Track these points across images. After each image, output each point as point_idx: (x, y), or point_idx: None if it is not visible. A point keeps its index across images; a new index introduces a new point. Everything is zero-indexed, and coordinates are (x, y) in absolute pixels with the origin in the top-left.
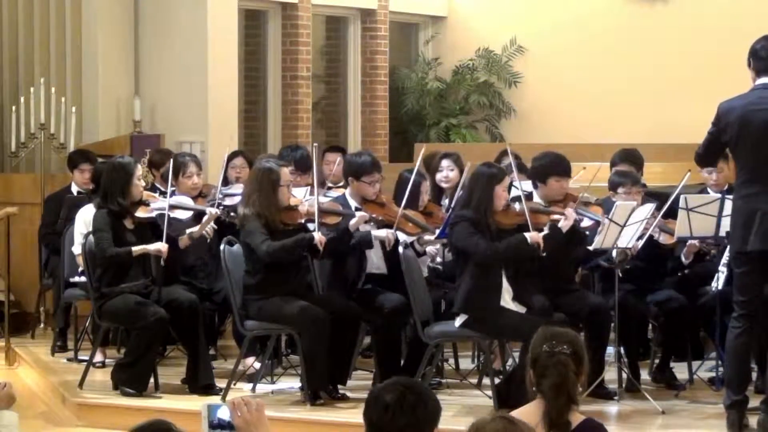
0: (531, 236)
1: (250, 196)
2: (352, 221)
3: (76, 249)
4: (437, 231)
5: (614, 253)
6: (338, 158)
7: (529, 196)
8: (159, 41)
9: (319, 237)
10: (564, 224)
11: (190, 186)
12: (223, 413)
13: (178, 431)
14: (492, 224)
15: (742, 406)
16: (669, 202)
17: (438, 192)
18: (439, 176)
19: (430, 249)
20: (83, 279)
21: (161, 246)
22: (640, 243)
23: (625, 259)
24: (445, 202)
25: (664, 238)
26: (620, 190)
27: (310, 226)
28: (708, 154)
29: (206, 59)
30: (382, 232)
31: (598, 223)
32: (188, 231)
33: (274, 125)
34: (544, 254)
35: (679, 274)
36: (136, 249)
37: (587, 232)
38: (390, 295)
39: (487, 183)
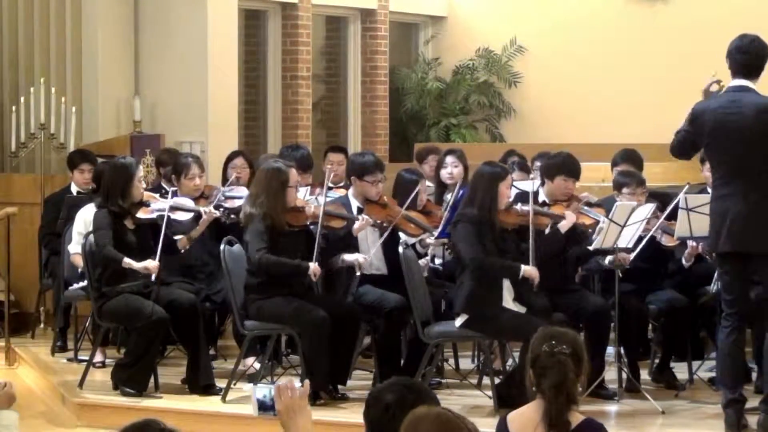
0: (525, 270)
1: (257, 196)
2: (355, 226)
3: (74, 248)
4: (436, 232)
5: (606, 261)
6: (340, 158)
7: (533, 196)
8: (159, 41)
9: (314, 268)
10: (563, 225)
11: (192, 187)
12: (263, 392)
13: (168, 429)
14: (495, 222)
15: (738, 404)
16: (671, 207)
17: (442, 189)
18: (443, 173)
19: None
20: (83, 284)
21: (149, 264)
22: (632, 256)
23: (621, 265)
24: (448, 197)
25: (665, 239)
26: (625, 190)
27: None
28: (681, 149)
29: (206, 59)
30: (352, 257)
31: (597, 222)
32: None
33: (274, 125)
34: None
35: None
36: (126, 261)
37: (590, 230)
38: (390, 295)
39: (490, 181)
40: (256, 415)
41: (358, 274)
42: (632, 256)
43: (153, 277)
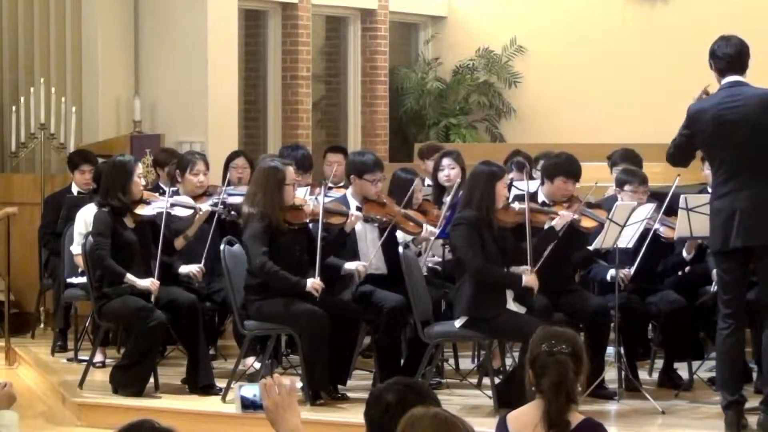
0: (526, 280)
1: (255, 195)
2: (347, 223)
3: (75, 249)
4: (437, 231)
5: (609, 276)
6: (340, 158)
7: (531, 196)
8: (159, 41)
9: (312, 284)
10: (557, 222)
11: (196, 183)
12: (252, 392)
13: (162, 429)
14: (494, 222)
15: (738, 405)
16: (665, 204)
17: (440, 190)
18: (440, 175)
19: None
20: (82, 280)
21: (149, 284)
22: (632, 270)
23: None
24: (446, 199)
25: (663, 230)
26: (627, 188)
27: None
28: (680, 155)
29: (206, 59)
30: (353, 265)
31: (601, 225)
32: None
33: (274, 125)
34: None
35: (680, 272)
36: (129, 278)
37: (589, 235)
38: (390, 295)
39: (488, 181)
40: (239, 414)
41: (357, 281)
42: (632, 270)
43: (152, 298)
